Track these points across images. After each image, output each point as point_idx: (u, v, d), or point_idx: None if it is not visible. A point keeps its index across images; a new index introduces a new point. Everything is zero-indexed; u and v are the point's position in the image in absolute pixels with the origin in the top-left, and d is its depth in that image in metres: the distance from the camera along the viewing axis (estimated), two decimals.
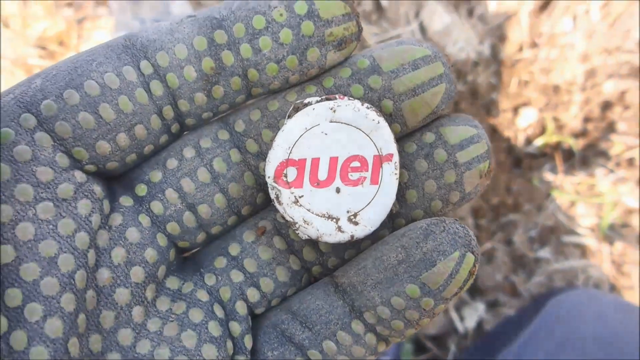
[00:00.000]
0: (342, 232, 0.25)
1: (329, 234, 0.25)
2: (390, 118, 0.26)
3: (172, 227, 0.25)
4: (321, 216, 0.25)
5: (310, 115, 0.25)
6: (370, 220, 0.25)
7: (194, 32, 0.24)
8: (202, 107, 0.26)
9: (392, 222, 0.27)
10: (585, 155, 0.88)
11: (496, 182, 0.85)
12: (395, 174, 0.25)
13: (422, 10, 0.89)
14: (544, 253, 0.81)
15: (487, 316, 0.80)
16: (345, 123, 0.25)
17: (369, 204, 0.25)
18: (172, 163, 0.26)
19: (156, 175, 0.26)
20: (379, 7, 0.90)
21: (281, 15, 0.25)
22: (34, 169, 0.21)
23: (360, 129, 0.25)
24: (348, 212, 0.25)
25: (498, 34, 0.90)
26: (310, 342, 0.25)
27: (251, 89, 0.26)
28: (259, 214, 0.28)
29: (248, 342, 0.25)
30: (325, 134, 0.25)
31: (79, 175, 0.23)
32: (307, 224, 0.25)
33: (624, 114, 0.87)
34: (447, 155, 0.25)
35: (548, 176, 0.86)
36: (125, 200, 0.25)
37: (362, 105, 0.25)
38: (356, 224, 0.25)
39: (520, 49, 0.90)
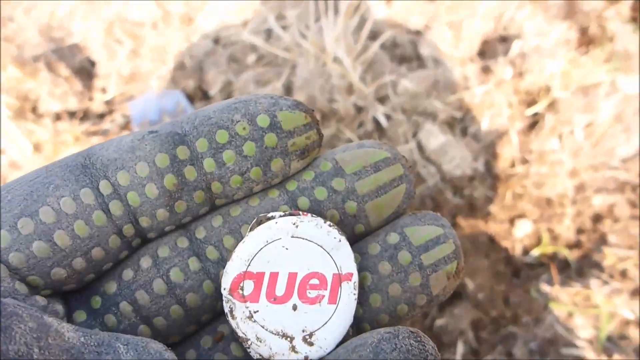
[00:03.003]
0: (296, 352, 0.23)
1: (282, 353, 0.23)
2: (355, 219, 0.26)
3: None
4: (275, 334, 0.23)
5: (272, 229, 0.24)
6: (326, 341, 0.23)
7: (155, 149, 0.24)
8: (164, 222, 0.25)
9: (357, 327, 0.26)
10: (581, 266, 0.92)
11: (495, 294, 0.89)
12: (354, 294, 0.24)
13: (420, 131, 0.96)
14: None
15: None
16: (306, 239, 0.25)
17: (326, 324, 0.24)
18: (127, 274, 0.25)
19: (111, 287, 0.25)
20: (379, 127, 0.97)
21: (244, 128, 0.24)
22: None
23: (321, 246, 0.24)
24: (304, 331, 0.24)
25: (491, 151, 0.97)
26: None
27: (215, 200, 0.26)
28: (220, 318, 0.26)
29: None
30: (286, 249, 0.24)
31: (41, 299, 0.22)
32: (260, 342, 0.23)
33: (614, 226, 0.92)
34: (412, 257, 0.24)
35: (545, 287, 0.90)
36: (79, 315, 0.24)
37: (325, 222, 0.25)
38: (311, 344, 0.23)
39: (513, 165, 0.96)
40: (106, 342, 0.20)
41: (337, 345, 0.24)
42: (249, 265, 0.24)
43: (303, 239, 0.25)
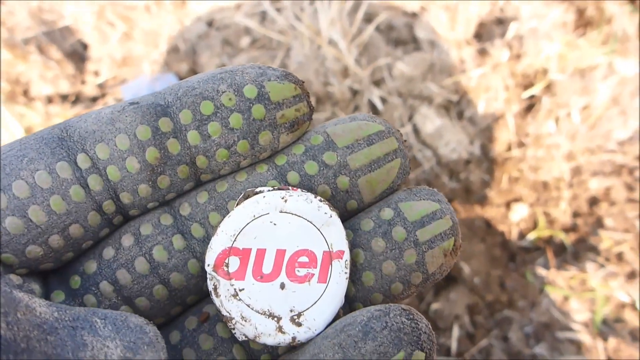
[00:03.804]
0: (283, 333, 0.22)
1: (268, 334, 0.22)
2: (347, 194, 0.25)
3: None
4: (262, 313, 0.23)
5: (260, 203, 0.24)
6: (315, 322, 0.23)
7: (136, 120, 0.23)
8: (146, 198, 0.24)
9: (349, 306, 0.24)
10: (577, 250, 0.92)
11: (491, 278, 0.88)
12: (346, 272, 0.23)
13: (415, 114, 0.95)
14: (540, 349, 0.83)
15: None
16: (296, 214, 0.24)
17: (315, 304, 0.23)
18: (108, 252, 0.24)
19: (91, 266, 0.24)
20: (375, 111, 0.96)
21: (230, 99, 0.23)
22: None
23: (311, 222, 0.24)
24: (292, 311, 0.23)
25: (487, 134, 0.96)
26: None
27: (200, 176, 0.25)
28: (207, 299, 0.25)
29: None
30: (274, 224, 0.24)
31: (15, 278, 0.21)
32: (245, 321, 0.22)
33: (610, 209, 0.91)
34: (407, 234, 0.23)
35: (541, 271, 0.90)
36: (57, 296, 0.23)
37: (315, 197, 0.24)
38: (299, 325, 0.23)
39: (509, 148, 0.95)
40: (82, 316, 0.19)
41: (327, 326, 0.23)
42: (234, 240, 0.23)
43: (292, 214, 0.24)
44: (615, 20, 0.96)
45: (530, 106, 0.97)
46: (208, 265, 0.23)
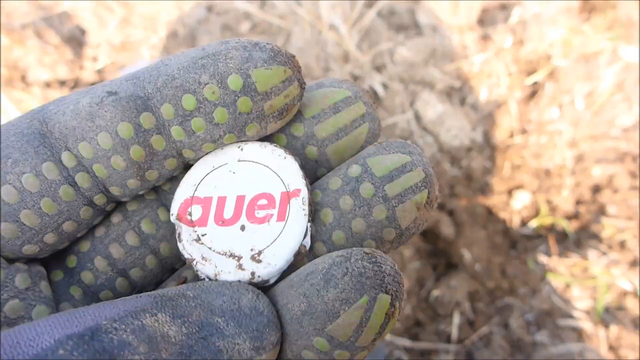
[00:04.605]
0: (243, 269, 0.22)
1: (228, 271, 0.22)
2: (316, 164, 0.25)
3: (106, 296, 0.24)
4: (222, 254, 0.23)
5: (218, 155, 0.24)
6: (275, 257, 0.22)
7: (117, 117, 0.22)
8: (137, 189, 0.24)
9: None
10: (579, 237, 0.91)
11: (492, 265, 0.88)
12: (304, 209, 0.23)
13: (417, 100, 0.94)
14: (541, 337, 0.83)
15: None
16: (253, 161, 0.24)
17: (275, 242, 0.23)
18: (99, 230, 0.24)
19: (85, 245, 0.24)
20: (376, 96, 0.95)
21: (213, 92, 0.22)
22: None
23: (267, 166, 0.24)
24: (252, 250, 0.23)
25: (489, 121, 0.95)
26: None
27: (188, 162, 0.25)
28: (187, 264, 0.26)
29: None
30: (233, 173, 0.24)
31: (21, 265, 0.22)
32: (206, 261, 0.23)
33: (614, 197, 0.90)
34: (375, 189, 0.23)
35: (543, 258, 0.89)
36: (56, 275, 0.24)
37: (270, 143, 0.24)
38: (259, 262, 0.22)
39: (511, 135, 0.95)
40: (205, 322, 0.19)
41: (289, 265, 0.22)
42: (195, 190, 0.24)
43: (249, 161, 0.24)
44: (620, 5, 0.95)
45: (533, 92, 0.96)
46: (172, 214, 0.24)
